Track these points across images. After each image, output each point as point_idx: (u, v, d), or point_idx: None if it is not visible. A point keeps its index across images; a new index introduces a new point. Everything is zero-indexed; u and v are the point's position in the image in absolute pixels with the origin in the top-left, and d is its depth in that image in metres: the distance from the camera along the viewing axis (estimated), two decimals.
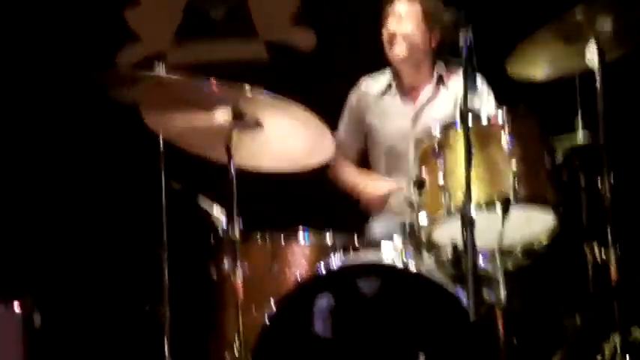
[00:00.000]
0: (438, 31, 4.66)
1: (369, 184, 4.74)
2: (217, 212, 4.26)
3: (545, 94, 4.25)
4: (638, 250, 4.16)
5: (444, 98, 4.74)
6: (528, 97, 4.08)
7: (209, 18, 5.75)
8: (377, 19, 4.76)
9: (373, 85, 4.85)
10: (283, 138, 4.17)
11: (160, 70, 4.42)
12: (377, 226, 4.64)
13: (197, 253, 4.37)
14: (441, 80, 4.77)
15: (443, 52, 4.73)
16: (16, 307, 4.69)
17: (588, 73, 3.91)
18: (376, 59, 4.81)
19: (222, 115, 4.04)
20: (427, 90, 4.78)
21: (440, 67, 4.79)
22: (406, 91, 4.79)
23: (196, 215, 4.32)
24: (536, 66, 4.13)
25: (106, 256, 5.31)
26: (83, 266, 5.34)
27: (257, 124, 4.08)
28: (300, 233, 4.23)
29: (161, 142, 4.33)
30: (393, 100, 4.80)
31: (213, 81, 3.98)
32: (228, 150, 4.02)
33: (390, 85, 4.81)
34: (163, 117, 4.20)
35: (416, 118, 4.74)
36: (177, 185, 4.40)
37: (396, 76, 4.79)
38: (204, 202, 4.32)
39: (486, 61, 3.79)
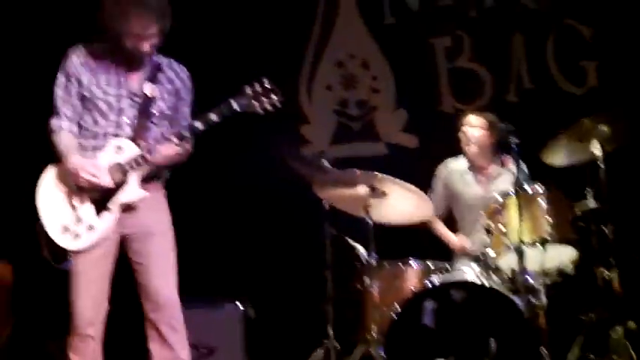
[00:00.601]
0: (496, 133, 4.40)
1: (451, 240, 4.56)
2: (360, 248, 4.21)
3: (566, 173, 4.15)
4: (633, 272, 4.07)
5: (504, 175, 4.44)
6: (556, 176, 4.06)
7: (352, 131, 5.67)
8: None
9: (456, 164, 4.58)
10: (399, 203, 4.12)
11: (324, 162, 4.51)
12: (462, 258, 4.40)
13: (348, 273, 4.28)
14: (500, 164, 4.49)
15: (499, 146, 4.45)
16: (238, 303, 4.69)
17: (594, 160, 3.85)
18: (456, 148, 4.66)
19: (361, 189, 4.05)
20: (492, 170, 4.51)
21: (501, 155, 4.50)
22: (478, 170, 4.53)
23: (346, 250, 4.28)
24: (560, 156, 4.02)
25: (293, 269, 5.16)
26: (277, 271, 5.22)
27: (383, 194, 4.07)
28: (412, 261, 4.19)
29: (325, 204, 4.30)
30: (471, 176, 4.53)
31: (356, 170, 4.04)
32: (365, 210, 4.04)
33: (467, 166, 4.54)
34: (326, 189, 4.20)
35: (486, 188, 4.46)
36: (334, 231, 4.32)
37: (471, 160, 4.54)
38: (352, 242, 4.28)
39: (528, 151, 3.81)
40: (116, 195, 3.24)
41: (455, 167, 4.62)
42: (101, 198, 3.24)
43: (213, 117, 3.19)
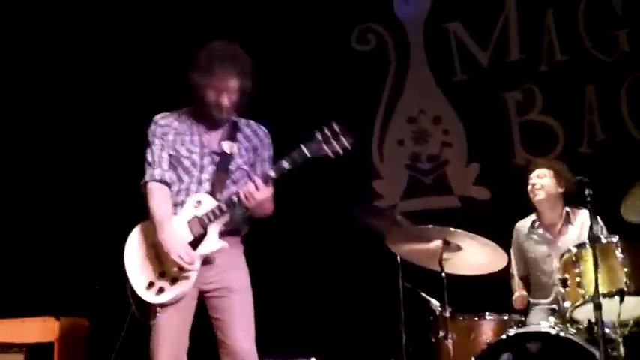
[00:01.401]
0: (564, 184, 4.42)
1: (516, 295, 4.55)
2: (434, 301, 4.25)
3: None
4: None
5: (571, 231, 4.44)
6: (631, 226, 4.01)
7: (424, 185, 5.78)
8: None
9: (525, 224, 4.58)
10: (474, 256, 4.16)
11: (398, 216, 4.59)
12: (537, 310, 4.39)
13: (422, 325, 4.31)
14: (567, 218, 4.46)
15: (569, 199, 4.47)
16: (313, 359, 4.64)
17: None
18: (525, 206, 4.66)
19: (436, 244, 4.11)
20: (559, 226, 4.49)
21: (567, 209, 4.48)
22: (546, 227, 4.52)
23: (420, 303, 4.32)
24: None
25: (367, 323, 5.23)
26: (351, 325, 5.30)
27: (458, 248, 4.13)
28: (487, 314, 4.20)
29: (399, 258, 4.37)
30: (538, 233, 4.53)
31: (430, 225, 4.11)
32: (440, 264, 4.09)
33: (534, 223, 4.53)
34: (400, 244, 4.27)
35: (554, 245, 4.44)
36: (408, 285, 4.41)
37: (539, 216, 4.53)
38: (425, 295, 4.33)
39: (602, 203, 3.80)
40: (197, 248, 3.37)
41: (523, 226, 4.64)
42: None
43: (286, 164, 3.29)
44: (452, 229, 4.02)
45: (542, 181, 4.50)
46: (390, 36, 6.06)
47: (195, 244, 3.38)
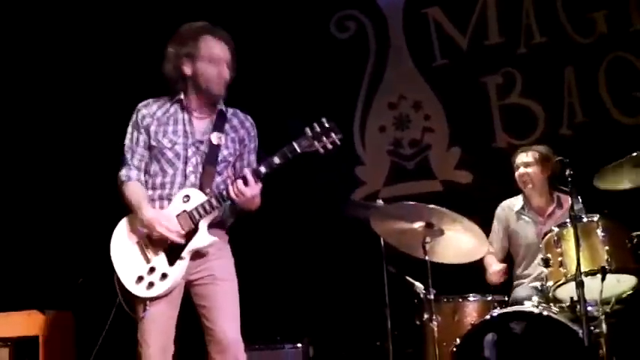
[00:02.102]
0: (549, 167, 4.47)
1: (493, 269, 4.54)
2: (418, 284, 4.25)
3: (622, 202, 4.11)
4: None
5: (560, 214, 4.47)
6: (612, 205, 4.05)
7: (406, 170, 5.79)
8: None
9: (514, 204, 4.62)
10: (456, 241, 4.19)
11: (380, 202, 4.59)
12: (520, 290, 4.40)
13: (407, 309, 4.31)
14: (559, 203, 4.51)
15: (554, 181, 4.51)
16: (299, 344, 4.77)
17: None
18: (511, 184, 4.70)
19: (419, 225, 4.12)
20: (549, 210, 4.53)
21: (557, 194, 4.53)
22: (535, 210, 4.56)
23: (405, 287, 4.32)
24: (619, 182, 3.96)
25: (352, 307, 5.26)
26: (337, 310, 5.33)
27: (441, 232, 4.14)
28: (471, 296, 4.23)
29: (382, 242, 4.37)
30: (528, 215, 4.56)
31: (415, 203, 4.12)
32: (423, 248, 4.11)
33: (524, 206, 4.57)
34: (384, 227, 4.27)
35: (543, 227, 4.42)
36: (393, 269, 4.41)
37: (527, 200, 4.58)
38: (410, 279, 4.32)
39: (583, 184, 3.83)
40: (188, 243, 3.34)
41: (512, 207, 4.66)
42: (174, 247, 3.33)
43: (277, 160, 3.28)
44: (434, 206, 4.04)
45: (529, 170, 4.52)
46: (369, 22, 6.06)
47: (185, 239, 3.35)
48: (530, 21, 5.53)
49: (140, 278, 3.34)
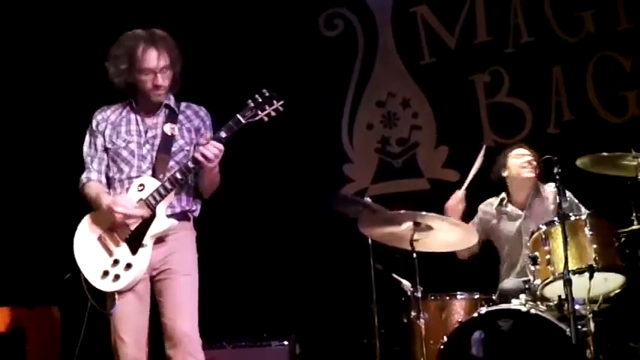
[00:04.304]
0: (538, 169, 4.41)
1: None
2: (405, 282, 4.18)
3: (610, 200, 4.09)
4: None
5: (539, 204, 4.42)
6: (600, 203, 4.05)
7: (394, 168, 5.75)
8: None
9: (493, 202, 4.55)
10: (444, 235, 4.12)
11: (368, 200, 4.54)
12: (507, 285, 4.28)
13: (394, 307, 4.27)
14: (536, 191, 4.44)
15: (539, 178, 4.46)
16: (286, 341, 4.73)
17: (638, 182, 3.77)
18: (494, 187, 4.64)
19: (407, 226, 4.06)
20: (527, 200, 4.45)
21: (538, 186, 4.47)
22: (515, 204, 4.49)
23: (392, 284, 4.26)
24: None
25: (340, 305, 5.24)
26: (324, 307, 5.31)
27: (429, 228, 4.07)
28: (458, 293, 4.19)
29: (370, 241, 4.30)
30: (508, 210, 4.50)
31: (402, 211, 4.06)
32: (411, 244, 4.05)
33: (502, 202, 4.50)
34: (371, 226, 4.21)
35: (525, 219, 4.40)
36: (380, 267, 4.33)
37: (509, 195, 4.51)
38: (397, 277, 4.26)
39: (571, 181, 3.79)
40: (148, 229, 3.36)
41: (492, 204, 4.60)
42: (134, 236, 3.36)
43: (223, 134, 3.35)
44: (423, 212, 3.98)
45: (534, 162, 4.46)
46: (357, 20, 6.02)
47: (145, 226, 3.37)
48: (518, 20, 5.52)
49: (105, 273, 3.35)
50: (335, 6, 6.03)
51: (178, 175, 3.36)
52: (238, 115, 3.38)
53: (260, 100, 3.39)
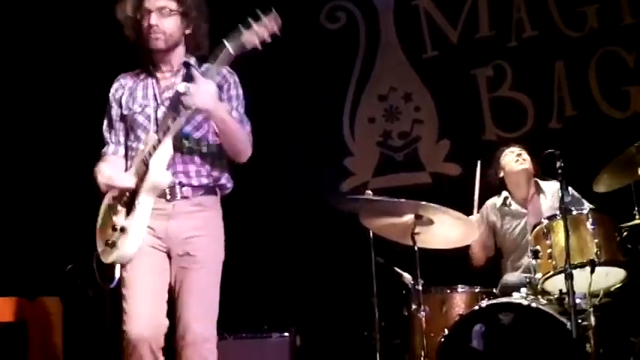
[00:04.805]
0: (536, 164, 4.48)
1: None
2: (406, 275, 4.18)
3: (612, 195, 4.09)
4: None
5: (542, 201, 4.46)
6: (602, 198, 4.05)
7: (395, 162, 5.74)
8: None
9: (495, 201, 4.58)
10: (446, 229, 4.09)
11: (370, 194, 4.52)
12: (509, 278, 4.31)
13: (395, 300, 4.27)
14: (538, 188, 4.48)
15: (540, 174, 4.53)
16: (287, 333, 4.72)
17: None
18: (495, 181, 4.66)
19: (408, 218, 4.03)
20: (530, 197, 4.50)
21: (536, 179, 4.52)
22: (518, 202, 4.53)
23: (393, 277, 4.26)
24: (607, 184, 4.00)
25: (340, 297, 5.23)
26: (324, 300, 5.29)
27: (430, 222, 4.04)
28: (459, 287, 4.18)
29: (371, 234, 4.28)
30: (512, 207, 4.53)
31: (403, 200, 4.03)
32: (412, 238, 4.03)
33: (506, 201, 4.53)
34: (372, 219, 4.18)
35: (528, 217, 4.42)
36: (381, 260, 4.32)
37: (511, 194, 4.55)
38: (398, 270, 4.26)
39: (573, 177, 3.80)
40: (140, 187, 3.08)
41: (494, 204, 4.62)
42: (132, 197, 3.09)
43: (214, 68, 3.03)
44: (424, 202, 3.96)
45: (525, 155, 4.52)
46: (359, 13, 5.99)
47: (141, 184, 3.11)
48: (521, 14, 5.48)
49: (106, 242, 3.11)
50: None
51: (169, 123, 3.03)
52: (227, 44, 2.98)
53: (252, 22, 2.96)
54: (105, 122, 3.33)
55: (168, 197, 3.12)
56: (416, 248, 4.01)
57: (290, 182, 5.70)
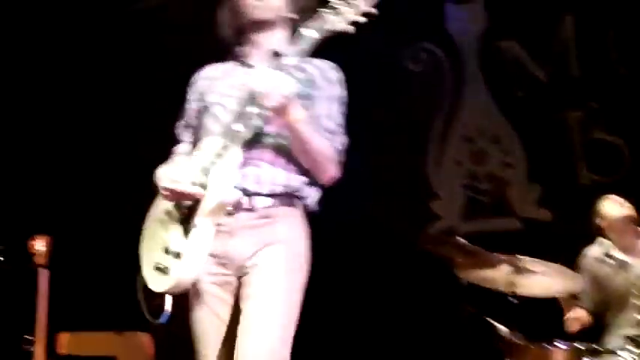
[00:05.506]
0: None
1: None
2: (501, 327, 3.99)
3: None
4: None
5: None
6: None
7: (483, 206, 5.64)
8: None
9: (596, 251, 4.35)
10: (545, 279, 3.93)
11: (461, 239, 4.41)
12: (611, 340, 4.15)
13: (488, 353, 4.01)
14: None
15: None
16: None
17: None
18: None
19: (505, 269, 3.90)
20: (636, 245, 4.28)
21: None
22: (623, 251, 4.30)
23: (485, 328, 4.05)
24: None
25: (429, 349, 5.07)
26: (413, 351, 5.15)
27: (527, 271, 3.88)
28: (560, 342, 3.95)
29: (463, 282, 4.11)
30: (614, 259, 4.26)
31: (498, 254, 3.91)
32: (508, 287, 3.86)
33: (608, 251, 4.28)
34: (468, 268, 4.02)
35: (634, 266, 4.20)
36: (472, 310, 4.22)
37: (612, 243, 4.32)
38: (492, 321, 4.04)
39: None
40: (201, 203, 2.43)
41: (594, 254, 4.42)
42: (190, 213, 2.45)
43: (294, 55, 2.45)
44: (520, 256, 3.83)
45: (626, 202, 4.36)
46: (444, 54, 5.94)
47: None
48: (613, 53, 5.33)
49: (156, 267, 2.49)
50: (421, 40, 5.96)
51: (236, 127, 2.43)
52: (310, 28, 2.42)
53: (337, 3, 2.40)
54: (181, 122, 2.79)
55: (230, 209, 2.47)
56: (513, 299, 3.87)
57: (373, 225, 5.59)
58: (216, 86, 2.67)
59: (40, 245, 4.60)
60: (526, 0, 5.61)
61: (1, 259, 4.71)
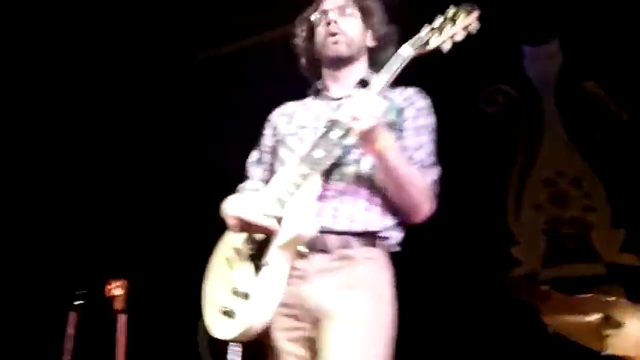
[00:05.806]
0: None
1: None
2: None
3: None
4: None
5: None
6: None
7: (566, 251, 5.48)
8: None
9: None
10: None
11: (545, 287, 4.29)
12: None
13: None
14: None
15: None
16: None
17: None
18: None
19: (595, 317, 3.76)
20: None
21: None
22: None
23: None
24: None
25: None
26: None
27: (620, 324, 3.74)
28: None
29: (550, 330, 4.04)
30: None
31: (591, 296, 3.81)
32: (599, 341, 3.72)
33: None
34: (555, 316, 3.92)
35: None
36: None
37: None
38: None
39: None
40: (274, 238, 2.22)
41: None
42: (260, 250, 2.26)
43: (386, 77, 2.38)
44: (614, 299, 3.72)
45: None
46: (519, 96, 5.85)
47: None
48: None
49: (221, 309, 2.25)
50: (496, 82, 5.88)
51: (316, 154, 2.26)
52: (405, 49, 2.37)
53: (438, 22, 2.38)
54: (252, 158, 2.70)
55: (304, 250, 2.28)
56: (605, 354, 3.74)
57: (454, 272, 5.49)
58: (293, 120, 2.59)
59: (117, 290, 4.65)
60: (603, 39, 5.51)
61: (82, 302, 4.78)
